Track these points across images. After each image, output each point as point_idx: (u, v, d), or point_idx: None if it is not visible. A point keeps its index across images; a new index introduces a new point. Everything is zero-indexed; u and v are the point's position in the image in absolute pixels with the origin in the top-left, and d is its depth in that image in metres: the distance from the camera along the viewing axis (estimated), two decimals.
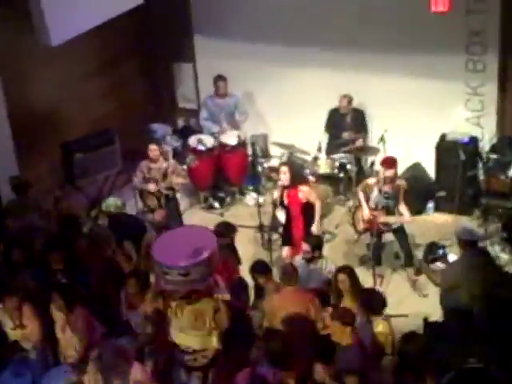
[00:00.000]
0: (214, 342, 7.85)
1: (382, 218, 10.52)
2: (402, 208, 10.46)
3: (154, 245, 8.15)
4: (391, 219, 10.56)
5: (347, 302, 8.63)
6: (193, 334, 7.83)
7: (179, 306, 7.96)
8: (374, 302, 8.12)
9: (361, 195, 10.77)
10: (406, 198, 10.52)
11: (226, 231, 9.63)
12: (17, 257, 9.58)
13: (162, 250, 7.83)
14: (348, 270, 8.79)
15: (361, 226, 11.00)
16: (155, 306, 8.46)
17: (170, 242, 8.12)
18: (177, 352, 8.05)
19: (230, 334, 7.99)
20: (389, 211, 10.53)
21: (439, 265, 10.44)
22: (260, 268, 9.03)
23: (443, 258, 10.50)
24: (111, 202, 10.80)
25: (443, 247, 10.67)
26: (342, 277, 8.62)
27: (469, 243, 8.91)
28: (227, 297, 8.29)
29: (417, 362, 7.34)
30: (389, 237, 10.91)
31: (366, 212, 10.61)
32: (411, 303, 10.12)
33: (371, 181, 10.81)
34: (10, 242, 9.89)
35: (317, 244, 9.48)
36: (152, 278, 8.92)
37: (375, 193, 10.57)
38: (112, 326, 8.86)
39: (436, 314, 9.11)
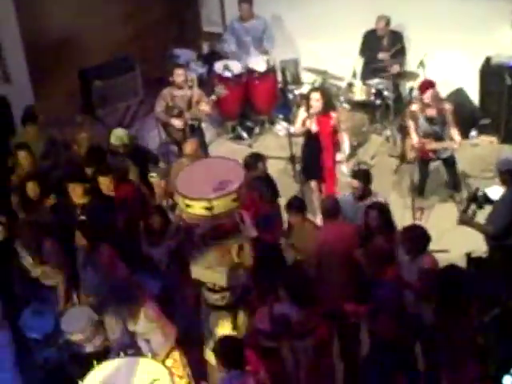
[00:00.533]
0: (242, 278, 7.79)
1: (432, 145, 10.45)
2: (453, 132, 10.37)
3: (177, 176, 7.93)
4: (441, 145, 10.48)
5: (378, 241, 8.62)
6: (220, 270, 7.70)
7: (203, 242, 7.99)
8: (417, 240, 7.99)
9: (409, 122, 10.68)
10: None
11: (255, 163, 9.49)
12: (32, 191, 9.57)
13: (186, 182, 7.64)
14: (379, 206, 8.65)
15: (410, 154, 10.91)
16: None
17: (194, 173, 7.91)
18: (204, 291, 7.98)
19: (260, 270, 7.99)
20: (437, 137, 10.47)
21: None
22: (295, 205, 8.96)
23: (485, 201, 10.24)
24: (121, 134, 10.65)
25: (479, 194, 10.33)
26: (373, 213, 8.46)
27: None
28: (254, 233, 8.17)
29: (458, 297, 7.27)
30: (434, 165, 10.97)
31: (414, 140, 10.52)
32: (454, 237, 9.95)
33: (415, 107, 10.73)
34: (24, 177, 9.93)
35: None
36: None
37: (421, 119, 10.48)
38: (137, 264, 8.98)
39: (480, 249, 9.02)
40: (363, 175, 9.31)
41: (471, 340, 7.41)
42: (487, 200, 9.66)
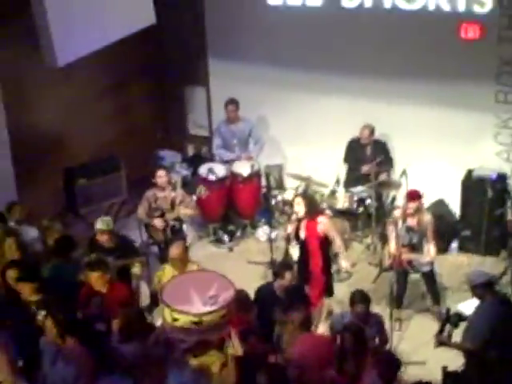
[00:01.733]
0: None
1: (408, 255, 10.54)
2: (430, 245, 10.51)
3: (164, 286, 8.08)
4: (416, 256, 10.59)
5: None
6: None
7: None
8: (389, 366, 8.03)
9: (390, 229, 10.77)
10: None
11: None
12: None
13: (174, 294, 7.72)
14: (354, 329, 8.61)
15: (387, 262, 11.01)
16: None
17: (182, 285, 7.97)
18: None
19: None
20: (414, 248, 10.59)
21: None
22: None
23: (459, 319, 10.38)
24: (107, 219, 10.75)
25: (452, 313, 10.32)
26: (347, 336, 8.43)
27: (486, 286, 8.93)
28: (240, 351, 8.23)
29: None
30: (414, 276, 10.96)
31: (392, 247, 10.59)
32: (431, 350, 9.74)
33: (397, 213, 10.89)
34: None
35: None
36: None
37: (400, 228, 10.61)
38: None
39: (457, 362, 9.03)
40: (364, 298, 9.25)
41: None
42: (461, 318, 9.89)
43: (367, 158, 12.51)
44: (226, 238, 13.15)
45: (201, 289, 7.67)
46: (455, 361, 9.05)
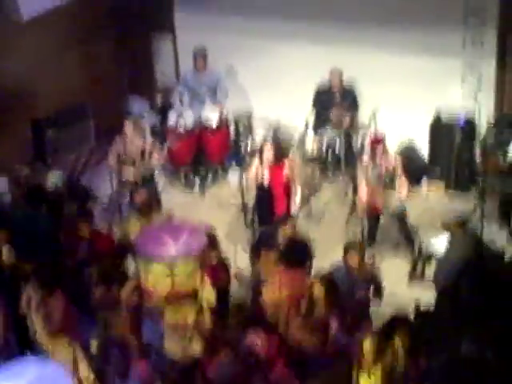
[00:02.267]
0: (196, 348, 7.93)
1: (380, 197, 10.76)
2: (400, 184, 10.76)
3: (137, 236, 8.35)
4: (388, 197, 10.81)
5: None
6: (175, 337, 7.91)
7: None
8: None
9: (360, 174, 10.98)
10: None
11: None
12: None
13: (146, 243, 7.99)
14: (327, 282, 8.71)
15: (360, 205, 11.10)
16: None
17: (154, 234, 8.24)
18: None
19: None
20: (385, 190, 10.80)
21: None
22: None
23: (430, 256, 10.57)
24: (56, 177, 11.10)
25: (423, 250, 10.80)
26: (318, 287, 8.52)
27: (456, 223, 9.33)
28: (212, 298, 8.32)
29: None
30: (386, 219, 11.09)
31: (364, 191, 10.77)
32: (404, 289, 10.24)
33: (365, 159, 11.07)
34: None
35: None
36: None
37: (370, 172, 10.78)
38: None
39: (430, 299, 9.28)
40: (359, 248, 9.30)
41: None
42: (432, 255, 10.09)
43: (336, 102, 12.57)
44: (197, 181, 13.27)
45: (172, 236, 7.90)
46: (428, 297, 9.25)
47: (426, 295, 9.36)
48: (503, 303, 8.34)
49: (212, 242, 9.15)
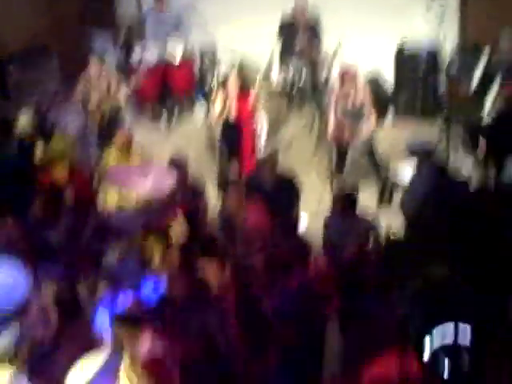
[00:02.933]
0: None
1: (349, 128, 10.91)
2: (369, 116, 10.95)
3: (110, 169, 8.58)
4: (357, 128, 10.95)
5: None
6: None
7: None
8: None
9: (329, 106, 11.17)
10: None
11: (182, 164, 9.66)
12: None
13: (120, 176, 8.45)
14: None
15: (329, 136, 11.23)
16: None
17: (127, 171, 8.68)
18: None
19: None
20: (354, 121, 10.94)
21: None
22: None
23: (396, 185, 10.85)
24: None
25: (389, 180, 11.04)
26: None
27: (423, 153, 9.54)
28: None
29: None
30: (354, 150, 11.20)
31: (332, 122, 10.95)
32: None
33: (334, 91, 11.19)
34: None
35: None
36: None
37: (339, 103, 10.93)
38: None
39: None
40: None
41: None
42: (398, 184, 10.39)
43: (301, 34, 12.62)
44: (164, 113, 13.32)
45: (144, 175, 8.20)
46: (396, 224, 9.45)
47: (394, 222, 9.53)
48: (468, 228, 8.35)
49: (183, 174, 9.31)
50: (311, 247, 8.41)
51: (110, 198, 8.93)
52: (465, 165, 11.11)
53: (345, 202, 8.95)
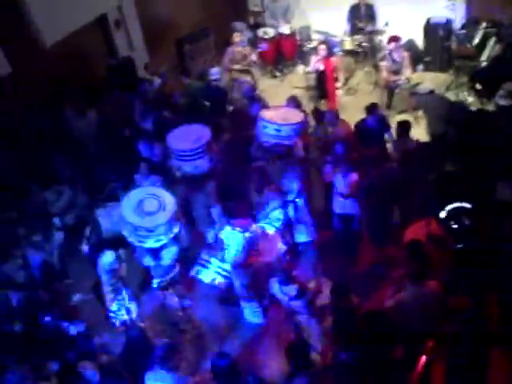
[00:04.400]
0: None
1: (395, 77, 10.98)
2: (406, 69, 10.93)
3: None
4: (400, 77, 10.99)
5: None
6: None
7: None
8: None
9: (381, 62, 11.37)
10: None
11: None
12: None
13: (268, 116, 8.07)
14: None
15: (381, 82, 11.54)
16: None
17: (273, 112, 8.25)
18: None
19: None
20: (397, 72, 10.99)
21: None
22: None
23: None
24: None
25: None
26: None
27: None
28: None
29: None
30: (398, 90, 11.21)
31: (384, 73, 11.15)
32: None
33: (385, 52, 11.28)
34: None
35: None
36: None
37: (388, 60, 11.02)
38: None
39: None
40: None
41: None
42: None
43: (362, 15, 12.67)
44: (277, 73, 13.58)
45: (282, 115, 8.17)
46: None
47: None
48: (469, 136, 8.67)
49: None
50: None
51: None
52: (468, 101, 11.21)
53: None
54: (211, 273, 7.87)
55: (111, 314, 7.17)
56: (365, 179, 7.78)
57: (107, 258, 6.95)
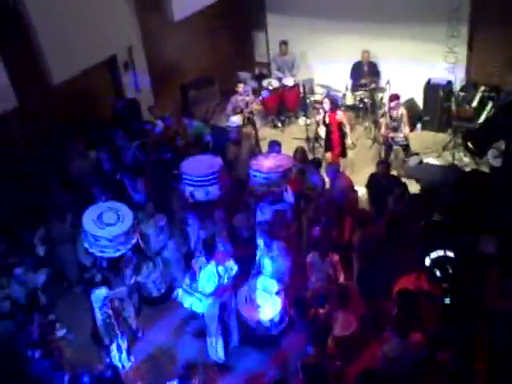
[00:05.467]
0: None
1: (391, 134, 11.04)
2: (405, 127, 10.97)
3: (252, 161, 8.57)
4: (398, 134, 11.06)
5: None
6: None
7: None
8: None
9: (381, 119, 11.39)
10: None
11: (303, 158, 9.69)
12: None
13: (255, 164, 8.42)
14: None
15: (380, 138, 11.60)
16: None
17: (261, 160, 8.61)
18: None
19: None
20: (396, 130, 11.03)
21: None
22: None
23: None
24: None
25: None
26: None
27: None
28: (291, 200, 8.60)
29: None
30: (396, 147, 11.31)
31: (383, 130, 11.17)
32: None
33: (385, 109, 11.36)
34: None
35: None
36: None
37: (387, 117, 11.08)
38: None
39: None
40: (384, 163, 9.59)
41: None
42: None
43: (365, 72, 12.79)
44: (279, 124, 13.66)
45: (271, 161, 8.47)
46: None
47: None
48: (459, 194, 8.66)
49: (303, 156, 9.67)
50: None
51: None
52: (464, 161, 11.31)
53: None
54: (191, 298, 8.05)
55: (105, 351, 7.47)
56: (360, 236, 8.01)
57: (101, 293, 7.34)
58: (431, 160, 11.06)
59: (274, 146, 9.88)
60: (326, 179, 9.59)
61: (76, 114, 10.43)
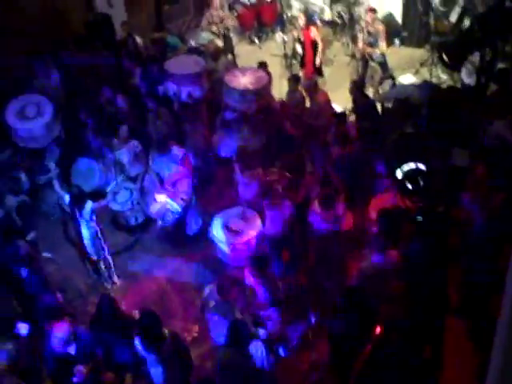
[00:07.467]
0: None
1: (369, 49, 10.93)
2: (382, 42, 10.89)
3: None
4: (374, 49, 10.92)
5: None
6: None
7: None
8: None
9: (358, 34, 11.28)
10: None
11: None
12: None
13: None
14: None
15: (357, 54, 11.50)
16: None
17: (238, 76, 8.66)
18: None
19: None
20: (373, 45, 10.89)
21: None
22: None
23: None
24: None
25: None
26: None
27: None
28: None
29: None
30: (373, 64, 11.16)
31: (360, 45, 11.08)
32: None
33: (362, 24, 11.20)
34: None
35: None
36: None
37: (365, 32, 10.91)
38: None
39: None
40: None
41: None
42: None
43: None
44: (256, 40, 13.55)
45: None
46: None
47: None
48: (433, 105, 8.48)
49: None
50: None
51: None
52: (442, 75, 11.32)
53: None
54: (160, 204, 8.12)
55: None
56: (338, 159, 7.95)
57: (89, 206, 7.27)
58: (406, 78, 10.89)
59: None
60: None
61: (46, 30, 10.04)
